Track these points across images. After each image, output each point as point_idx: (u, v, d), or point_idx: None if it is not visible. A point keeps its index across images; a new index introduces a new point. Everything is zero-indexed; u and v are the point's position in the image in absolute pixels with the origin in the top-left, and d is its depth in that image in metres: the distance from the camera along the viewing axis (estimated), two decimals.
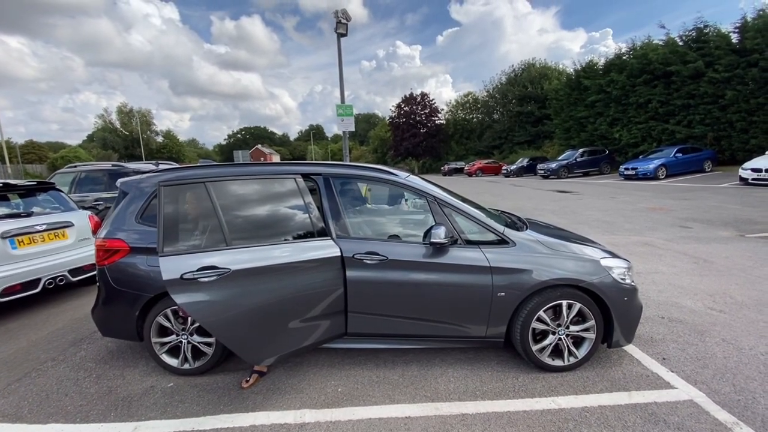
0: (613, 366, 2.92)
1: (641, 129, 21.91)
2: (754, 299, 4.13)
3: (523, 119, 38.12)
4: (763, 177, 12.51)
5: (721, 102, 18.29)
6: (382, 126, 58.85)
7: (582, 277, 2.73)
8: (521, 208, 11.31)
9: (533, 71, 38.84)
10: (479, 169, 32.36)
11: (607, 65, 24.35)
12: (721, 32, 19.02)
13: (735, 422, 2.27)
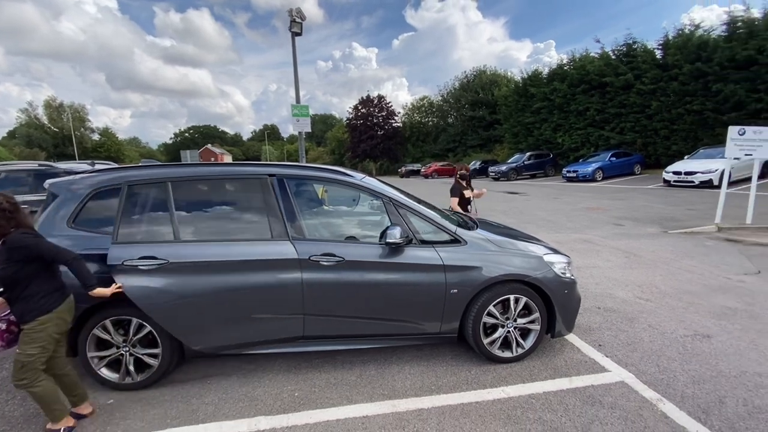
0: (556, 354, 3.14)
1: (581, 134, 23.63)
2: (675, 288, 4.62)
3: (475, 123, 39.59)
4: (682, 179, 13.99)
5: (648, 111, 20.22)
6: (340, 127, 58.55)
7: (527, 272, 2.91)
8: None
9: (484, 78, 40.51)
10: (435, 171, 33.21)
11: (551, 75, 26.00)
12: (647, 48, 21.02)
13: (659, 399, 2.53)
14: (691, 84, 18.40)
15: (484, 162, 28.83)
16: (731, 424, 2.29)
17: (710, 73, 17.72)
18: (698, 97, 18.27)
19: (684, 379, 2.75)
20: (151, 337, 2.73)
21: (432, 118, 50.68)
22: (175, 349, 2.77)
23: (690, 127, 18.69)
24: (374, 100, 48.42)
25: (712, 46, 17.84)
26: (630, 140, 21.14)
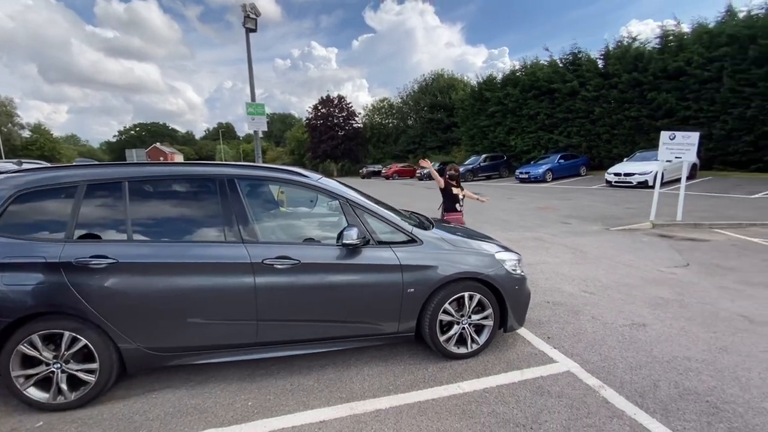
0: (509, 348, 3.26)
1: (532, 138, 24.89)
2: (616, 281, 4.97)
3: (434, 126, 40.46)
4: (622, 180, 15.13)
5: (592, 117, 21.68)
6: (299, 127, 57.45)
7: (481, 270, 3.00)
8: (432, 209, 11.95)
9: (442, 81, 41.52)
10: (396, 173, 33.53)
11: (504, 80, 27.16)
12: (590, 58, 22.54)
13: (601, 385, 2.70)
14: (629, 92, 19.96)
15: (442, 164, 29.41)
16: (664, 405, 2.49)
17: (645, 82, 19.32)
18: (635, 105, 19.85)
19: (623, 366, 2.95)
20: (86, 351, 2.51)
21: (392, 119, 51.17)
22: (114, 363, 2.57)
23: (628, 132, 20.25)
24: (334, 101, 48.05)
25: (647, 58, 19.46)
26: (576, 143, 22.56)
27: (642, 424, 2.30)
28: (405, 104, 47.65)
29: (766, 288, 4.61)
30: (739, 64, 16.27)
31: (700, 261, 5.80)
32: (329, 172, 48.92)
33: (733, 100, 16.59)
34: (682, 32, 19.14)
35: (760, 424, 2.30)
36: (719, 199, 11.33)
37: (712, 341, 3.35)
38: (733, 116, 16.68)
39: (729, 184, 13.94)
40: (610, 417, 2.37)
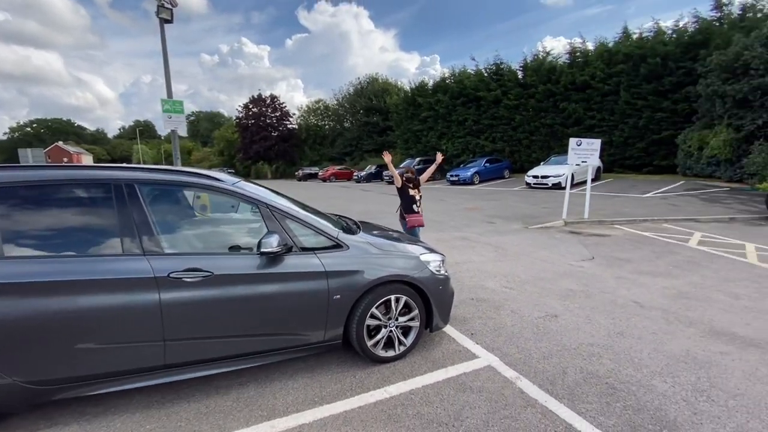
0: (435, 347, 3.33)
1: (461, 142, 26.24)
2: (533, 276, 5.37)
3: (370, 129, 40.81)
4: (539, 182, 16.54)
5: (513, 123, 23.47)
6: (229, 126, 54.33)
7: (407, 272, 3.03)
8: (369, 211, 12.04)
9: (377, 85, 42.06)
10: (333, 175, 33.19)
11: (435, 87, 28.31)
12: (511, 69, 24.41)
13: (517, 377, 2.86)
14: (545, 102, 21.95)
15: (379, 166, 29.83)
16: (571, 390, 2.70)
17: (558, 93, 21.40)
18: (550, 113, 21.88)
19: (537, 356, 3.17)
20: None
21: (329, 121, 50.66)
22: None
23: (545, 138, 22.26)
24: (266, 100, 46.30)
25: (558, 71, 21.56)
26: (500, 148, 24.25)
27: (551, 410, 2.47)
28: (341, 106, 47.45)
29: (654, 276, 5.29)
30: (632, 80, 18.72)
31: (603, 254, 6.50)
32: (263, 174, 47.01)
33: (629, 111, 19.04)
34: (587, 49, 21.54)
35: (650, 400, 2.59)
36: (618, 199, 12.88)
37: (611, 327, 3.73)
38: (628, 125, 19.14)
39: (626, 185, 15.93)
40: (525, 406, 2.51)
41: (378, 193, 18.95)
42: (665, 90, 17.82)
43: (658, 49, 17.86)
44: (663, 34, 18.90)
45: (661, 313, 4.04)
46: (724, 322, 3.79)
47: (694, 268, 5.59)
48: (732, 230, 8.17)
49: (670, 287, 4.82)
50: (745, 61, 13.88)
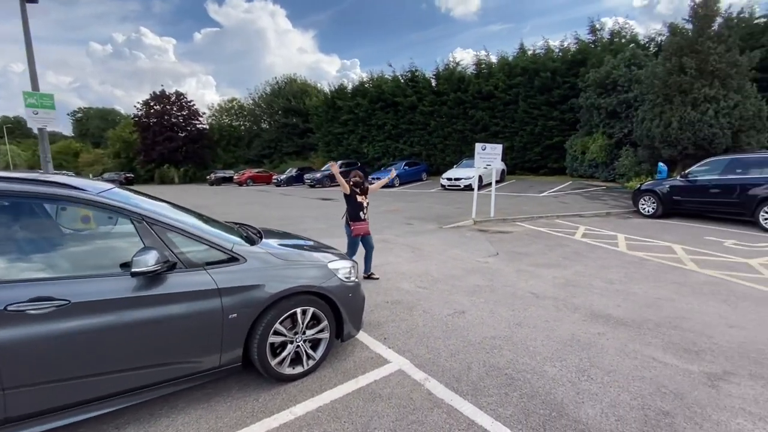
0: (348, 356, 3.24)
1: (382, 146, 26.78)
2: (444, 274, 5.59)
3: (289, 131, 39.56)
4: (453, 184, 17.56)
5: (428, 128, 24.62)
6: (126, 125, 48.14)
7: (313, 282, 2.88)
8: (289, 218, 11.57)
9: (295, 86, 40.96)
10: (250, 179, 31.40)
11: (354, 90, 28.49)
12: (425, 77, 25.60)
13: (426, 378, 2.90)
14: (456, 109, 23.40)
15: (300, 169, 29.07)
16: (475, 385, 2.81)
17: (467, 101, 22.96)
18: (461, 120, 23.39)
19: (445, 355, 3.26)
20: None
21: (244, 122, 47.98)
22: None
23: (457, 143, 23.72)
24: (171, 97, 42.16)
25: (467, 81, 23.16)
26: (418, 152, 25.26)
27: (456, 408, 2.53)
28: (257, 106, 45.26)
29: (547, 268, 5.87)
30: (529, 91, 20.87)
31: (506, 250, 7.05)
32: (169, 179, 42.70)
33: (527, 119, 21.18)
34: (491, 62, 23.52)
35: (542, 386, 2.80)
36: (519, 198, 14.22)
37: (511, 318, 4.02)
38: (527, 132, 21.28)
39: (526, 186, 17.68)
40: (431, 408, 2.54)
41: (299, 198, 18.37)
42: (555, 101, 20.21)
43: (548, 64, 20.19)
44: (552, 52, 21.46)
45: (552, 302, 4.47)
46: (601, 306, 4.33)
47: (578, 259, 6.34)
48: (608, 223, 9.50)
49: (560, 277, 5.39)
50: (613, 79, 16.37)
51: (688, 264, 5.85)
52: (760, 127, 12.41)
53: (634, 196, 10.76)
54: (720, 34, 12.45)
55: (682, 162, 12.71)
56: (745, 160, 8.70)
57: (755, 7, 16.60)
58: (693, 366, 3.04)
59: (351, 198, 5.21)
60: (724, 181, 8.72)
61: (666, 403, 2.59)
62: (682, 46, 12.72)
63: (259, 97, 44.56)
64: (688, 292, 4.70)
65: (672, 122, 12.66)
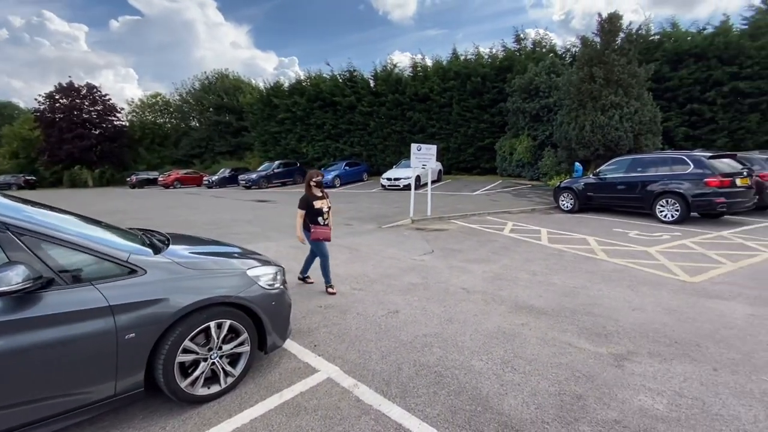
0: (272, 369, 3.04)
1: (321, 146, 26.32)
2: (380, 274, 5.55)
3: (222, 129, 37.34)
4: (392, 184, 17.76)
5: (368, 129, 24.68)
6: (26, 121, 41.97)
7: (229, 292, 2.64)
8: (219, 221, 10.84)
9: (227, 82, 38.77)
10: (177, 180, 29.08)
11: (291, 89, 27.67)
12: (364, 77, 25.63)
13: (355, 384, 2.80)
14: (394, 110, 23.72)
15: (234, 170, 27.55)
16: (404, 386, 2.77)
17: (405, 103, 23.38)
18: (399, 121, 23.76)
19: (376, 357, 3.19)
20: None
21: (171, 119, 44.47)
22: None
23: (396, 143, 24.05)
24: (81, 90, 37.67)
25: (404, 83, 23.59)
26: (358, 152, 25.22)
27: (384, 413, 2.47)
28: (185, 103, 42.16)
29: (478, 263, 6.10)
30: (462, 95, 21.78)
31: (441, 247, 7.22)
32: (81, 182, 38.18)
33: (460, 121, 22.09)
34: (427, 65, 24.20)
35: (469, 381, 2.84)
36: (454, 197, 14.76)
37: (443, 315, 4.07)
38: (461, 133, 22.20)
39: (461, 185, 18.44)
40: (359, 416, 2.45)
41: (232, 200, 17.35)
42: (485, 105, 21.33)
43: (479, 70, 21.25)
44: (482, 58, 22.63)
45: (481, 296, 4.62)
46: (525, 297, 4.56)
47: (506, 253, 6.68)
48: (533, 219, 10.19)
49: (489, 271, 5.62)
50: (536, 85, 17.67)
51: (600, 254, 6.43)
52: (655, 130, 14.17)
53: (555, 193, 11.68)
54: (622, 47, 13.99)
55: (595, 162, 14.07)
56: (644, 160, 9.84)
57: (650, 26, 18.99)
58: (602, 349, 3.30)
59: (309, 206, 4.77)
60: (627, 179, 9.78)
61: (579, 386, 2.76)
62: (592, 57, 14.09)
63: (187, 93, 41.57)
64: (599, 279, 5.14)
65: (585, 126, 13.97)
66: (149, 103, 44.88)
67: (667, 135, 16.61)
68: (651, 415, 2.42)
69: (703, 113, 17.03)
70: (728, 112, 16.68)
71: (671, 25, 18.99)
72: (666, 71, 17.14)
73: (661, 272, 5.37)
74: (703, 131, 17.21)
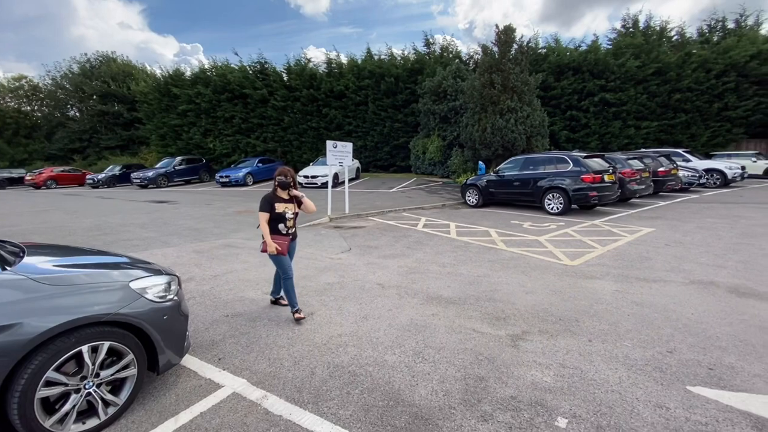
0: (168, 390, 2.71)
1: (231, 141, 24.58)
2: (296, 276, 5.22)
3: (110, 120, 32.63)
4: (310, 181, 17.37)
5: (283, 124, 23.75)
6: None
7: (107, 310, 2.28)
8: (105, 225, 9.41)
9: (114, 67, 33.95)
10: (51, 179, 24.61)
11: (194, 78, 25.26)
12: (276, 70, 24.52)
13: (264, 396, 2.64)
14: (309, 106, 23.17)
15: (126, 167, 24.29)
16: (317, 391, 2.69)
17: (320, 99, 22.98)
18: (315, 117, 23.29)
19: (288, 364, 3.05)
20: None
21: (40, 107, 37.61)
22: None
23: (313, 140, 23.56)
24: None
25: (319, 79, 23.15)
26: (272, 148, 24.13)
27: (295, 422, 2.36)
28: (60, 89, 35.90)
29: (393, 258, 6.25)
30: (377, 94, 22.14)
31: (358, 244, 7.25)
32: None
33: (376, 120, 22.46)
34: (342, 62, 24.05)
35: (382, 376, 2.87)
36: (372, 194, 14.98)
37: (358, 312, 4.07)
38: (377, 132, 22.59)
39: (378, 182, 18.78)
40: (267, 429, 2.30)
41: (124, 201, 15.26)
42: (399, 105, 22.01)
43: (392, 70, 21.81)
44: (395, 59, 23.27)
45: (395, 290, 4.74)
46: (435, 288, 4.80)
47: (419, 247, 6.96)
48: (443, 214, 10.81)
49: (404, 266, 5.79)
50: (444, 89, 18.75)
51: (499, 244, 7.07)
52: (544, 133, 16.08)
53: (462, 189, 12.55)
54: (516, 57, 15.56)
55: (495, 161, 15.46)
56: (535, 159, 11.09)
57: (539, 40, 21.48)
58: (501, 331, 3.61)
59: (271, 209, 4.00)
60: (522, 176, 10.92)
61: (482, 369, 2.97)
62: (491, 65, 15.42)
63: (63, 77, 35.46)
64: (499, 267, 5.64)
65: (487, 128, 15.26)
66: (11, 88, 37.40)
67: (553, 137, 19.04)
68: (541, 388, 2.70)
69: (579, 119, 19.87)
70: (598, 119, 19.73)
71: (555, 41, 21.72)
72: (551, 81, 19.58)
73: (549, 258, 6.10)
74: (580, 134, 20.08)
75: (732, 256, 5.89)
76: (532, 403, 2.53)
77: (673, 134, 19.71)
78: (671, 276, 5.05)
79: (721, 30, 21.79)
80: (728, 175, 14.49)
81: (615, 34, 22.60)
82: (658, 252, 6.23)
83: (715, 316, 3.83)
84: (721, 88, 18.82)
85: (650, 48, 19.38)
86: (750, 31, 20.29)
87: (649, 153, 13.18)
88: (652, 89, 19.15)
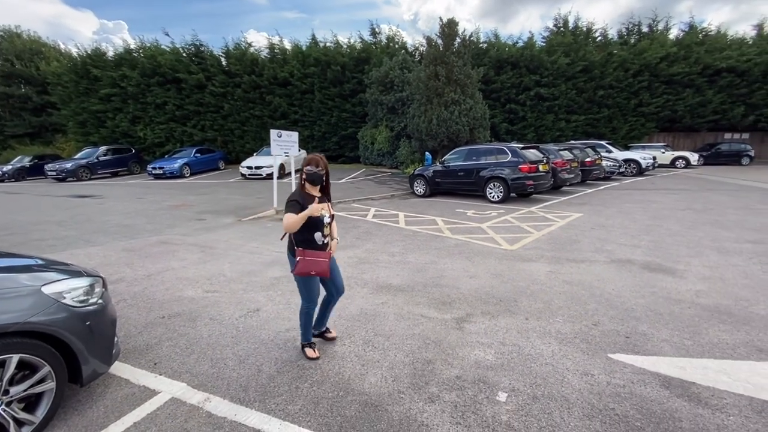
0: (95, 402, 2.48)
1: (164, 129, 22.73)
2: (240, 272, 5.13)
3: (16, 105, 28.65)
4: (254, 173, 16.62)
5: (222, 112, 22.40)
6: None
7: (13, 319, 2.01)
8: (13, 224, 8.32)
9: (19, 44, 29.72)
10: None
11: (118, 58, 22.88)
12: (214, 54, 22.95)
13: (206, 398, 2.50)
14: (251, 93, 22.07)
15: (38, 157, 21.55)
16: (264, 389, 2.61)
17: (263, 86, 21.96)
18: (258, 105, 22.24)
19: (232, 364, 2.92)
20: None
21: None
22: None
23: (257, 129, 22.52)
24: None
25: (261, 64, 22.08)
26: (212, 138, 22.71)
27: (241, 422, 2.28)
28: None
29: (344, 249, 6.17)
30: (323, 83, 21.63)
31: None
32: None
33: (323, 109, 21.98)
34: (285, 48, 23.12)
35: (332, 368, 2.85)
36: None
37: None
38: (324, 122, 22.14)
39: None
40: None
41: (36, 196, 13.56)
42: (346, 94, 21.71)
43: (338, 59, 21.40)
44: (341, 47, 22.81)
45: (346, 280, 4.68)
46: (385, 277, 4.85)
47: (369, 237, 6.99)
48: (392, 204, 10.93)
49: (354, 256, 5.78)
50: (391, 79, 18.79)
51: (445, 232, 7.31)
52: (485, 125, 16.78)
53: (410, 180, 12.76)
54: (459, 51, 15.99)
55: (441, 151, 15.87)
56: (477, 150, 11.56)
57: (480, 35, 22.25)
58: (447, 315, 3.75)
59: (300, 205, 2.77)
60: (466, 166, 11.34)
61: (429, 352, 3.07)
62: (436, 57, 15.71)
63: None
64: (445, 254, 5.84)
65: (432, 119, 15.59)
66: None
67: (494, 129, 19.95)
68: (483, 366, 2.86)
69: (518, 112, 21.02)
70: (534, 112, 21.01)
71: (495, 36, 22.65)
72: (492, 75, 20.43)
73: (490, 244, 6.42)
74: (518, 127, 21.26)
75: (645, 236, 6.62)
76: (476, 381, 2.66)
77: (598, 127, 21.60)
78: (596, 256, 5.56)
79: (637, 33, 24.14)
80: (642, 165, 16.21)
81: (548, 33, 24.09)
82: (585, 235, 6.82)
83: (631, 290, 4.29)
84: (637, 86, 20.94)
85: (578, 47, 20.93)
86: (660, 35, 22.69)
87: (577, 144, 14.32)
88: (580, 85, 20.77)
